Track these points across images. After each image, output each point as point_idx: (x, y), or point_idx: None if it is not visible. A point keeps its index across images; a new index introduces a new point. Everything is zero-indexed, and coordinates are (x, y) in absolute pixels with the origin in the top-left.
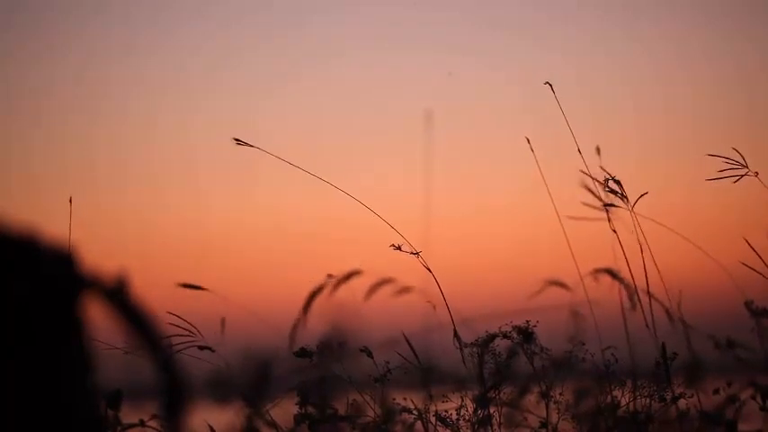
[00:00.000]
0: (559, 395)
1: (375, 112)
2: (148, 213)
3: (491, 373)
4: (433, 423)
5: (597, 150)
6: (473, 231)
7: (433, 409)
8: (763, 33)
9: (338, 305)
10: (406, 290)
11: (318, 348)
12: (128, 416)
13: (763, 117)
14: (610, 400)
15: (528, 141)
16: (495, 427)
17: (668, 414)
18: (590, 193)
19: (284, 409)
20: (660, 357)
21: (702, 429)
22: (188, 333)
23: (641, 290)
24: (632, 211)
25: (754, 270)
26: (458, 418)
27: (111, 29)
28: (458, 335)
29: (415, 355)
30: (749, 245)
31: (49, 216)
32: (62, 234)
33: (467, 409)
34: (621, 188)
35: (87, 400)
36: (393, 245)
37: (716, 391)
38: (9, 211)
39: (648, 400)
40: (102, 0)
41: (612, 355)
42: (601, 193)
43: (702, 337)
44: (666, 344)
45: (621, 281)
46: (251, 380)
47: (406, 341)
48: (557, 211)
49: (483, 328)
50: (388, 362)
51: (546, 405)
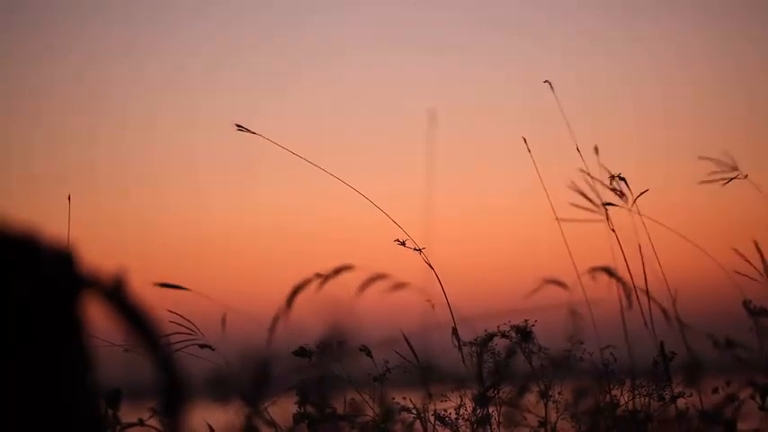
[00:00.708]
0: (558, 394)
1: (376, 112)
2: (147, 212)
3: (490, 372)
4: (432, 422)
5: (596, 150)
6: (472, 230)
7: (432, 408)
8: (763, 34)
9: (334, 302)
10: (400, 286)
11: (317, 347)
12: (127, 415)
13: (761, 117)
14: (609, 399)
15: (525, 141)
16: (495, 426)
17: (667, 413)
18: (587, 192)
19: (283, 409)
20: (658, 356)
21: (701, 428)
22: (187, 331)
23: (639, 289)
24: (632, 210)
25: (746, 276)
26: (457, 418)
27: (111, 29)
28: (457, 334)
29: (414, 354)
30: (739, 253)
31: (47, 215)
32: (61, 233)
33: (466, 409)
34: (627, 185)
35: (87, 400)
36: (397, 240)
37: (715, 390)
38: (9, 209)
39: (647, 400)
40: (102, 0)
41: (611, 354)
42: (600, 191)
43: (701, 337)
44: (664, 343)
45: (619, 279)
46: (250, 379)
47: (405, 340)
48: (554, 210)
49: (482, 327)
50: (387, 361)
51: (545, 404)
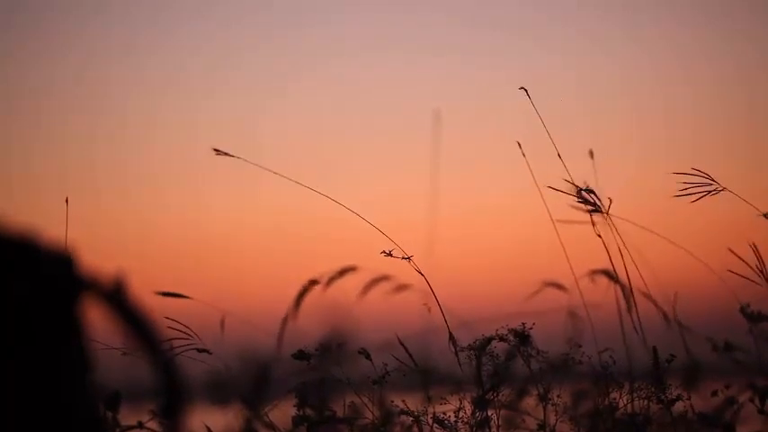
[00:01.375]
0: (557, 397)
1: (376, 113)
2: (147, 214)
3: (489, 375)
4: (431, 425)
5: (590, 154)
6: (471, 233)
7: (431, 411)
8: (763, 34)
9: (334, 305)
10: (402, 287)
11: (317, 350)
12: (126, 417)
13: (761, 118)
14: (607, 402)
15: (519, 146)
16: (494, 429)
17: (666, 416)
18: (574, 198)
19: (282, 411)
20: (662, 358)
21: (700, 431)
22: (185, 336)
23: (637, 291)
24: (608, 217)
25: (742, 276)
26: (456, 421)
27: (111, 29)
28: (453, 338)
29: (411, 357)
30: (734, 253)
31: (46, 216)
32: (59, 235)
33: (465, 412)
34: (596, 196)
35: (86, 402)
36: (384, 251)
37: (714, 393)
38: (8, 211)
39: (646, 402)
40: (103, 0)
41: (610, 356)
42: (583, 198)
43: (699, 340)
44: (663, 346)
45: (618, 282)
46: (249, 382)
47: (401, 344)
48: (549, 214)
49: (482, 330)
50: (386, 364)
51: (543, 407)
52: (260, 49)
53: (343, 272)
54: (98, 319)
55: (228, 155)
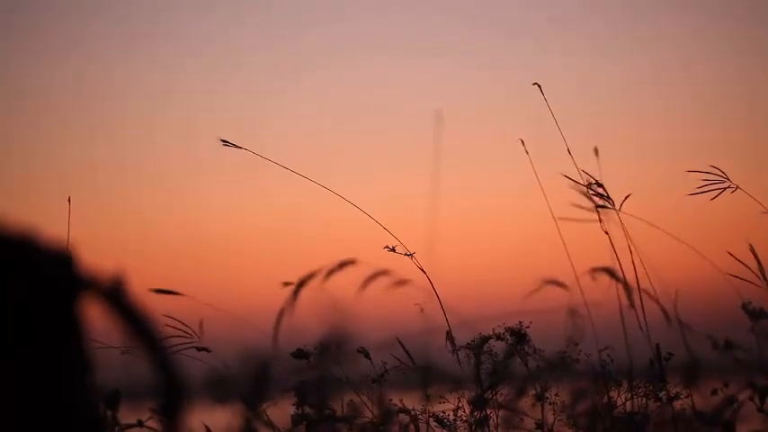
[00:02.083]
0: (555, 396)
1: (377, 113)
2: (148, 213)
3: (487, 374)
4: (428, 423)
5: (595, 152)
6: (473, 232)
7: (429, 410)
8: (763, 34)
9: (333, 303)
10: (402, 282)
11: (316, 349)
12: (126, 416)
13: (761, 119)
14: (606, 400)
15: (522, 143)
16: (492, 428)
17: (665, 415)
18: (581, 195)
19: (282, 410)
20: (655, 357)
21: (700, 430)
22: (184, 335)
23: (639, 289)
24: (619, 213)
25: (742, 279)
26: (455, 419)
27: (112, 29)
28: (451, 337)
29: (409, 357)
30: (733, 256)
31: (48, 216)
32: (61, 234)
33: (464, 410)
34: (605, 191)
35: (86, 401)
36: (387, 246)
37: (714, 391)
38: (9, 211)
39: (645, 401)
40: (103, 0)
41: (608, 355)
42: (589, 196)
43: (699, 338)
44: (664, 344)
45: (619, 280)
46: (249, 380)
47: (400, 344)
48: (551, 212)
49: (481, 328)
50: (385, 363)
51: (541, 406)
52: (262, 51)
53: (342, 265)
54: (97, 318)
55: (235, 146)
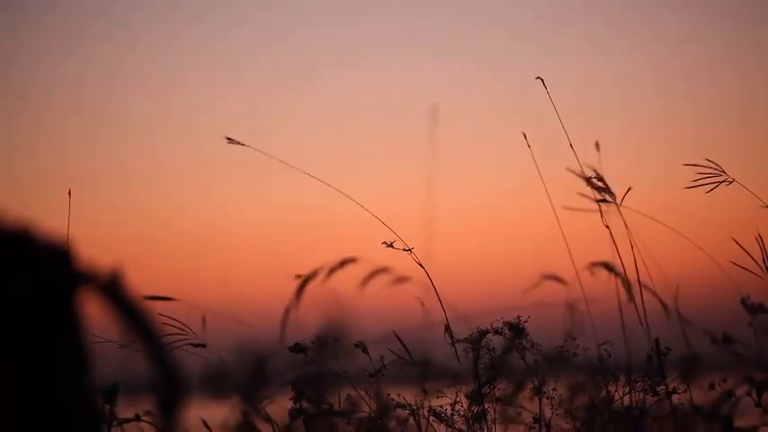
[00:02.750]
0: (553, 390)
1: (378, 112)
2: (148, 207)
3: (485, 368)
4: (427, 418)
5: (596, 146)
6: (472, 226)
7: (427, 404)
8: (763, 34)
9: (331, 298)
10: (401, 279)
11: (313, 343)
12: (123, 411)
13: (754, 118)
14: (604, 395)
15: (525, 137)
16: (490, 422)
17: (663, 409)
18: (586, 186)
19: (279, 405)
20: (653, 352)
21: (698, 425)
22: (181, 331)
23: (638, 283)
24: (620, 207)
25: (745, 269)
26: (452, 414)
27: (116, 25)
28: (449, 331)
29: (407, 351)
30: (738, 244)
31: (48, 209)
32: (61, 227)
33: (461, 405)
34: (606, 185)
35: (84, 395)
36: (385, 242)
37: (711, 386)
38: (8, 204)
39: (642, 395)
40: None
41: (606, 350)
42: (592, 188)
43: (698, 332)
44: (662, 338)
45: (618, 274)
46: (246, 375)
47: (397, 338)
48: (552, 206)
49: (480, 323)
50: (383, 357)
51: (539, 401)
52: (262, 50)
53: (343, 263)
54: (95, 313)
55: (240, 143)
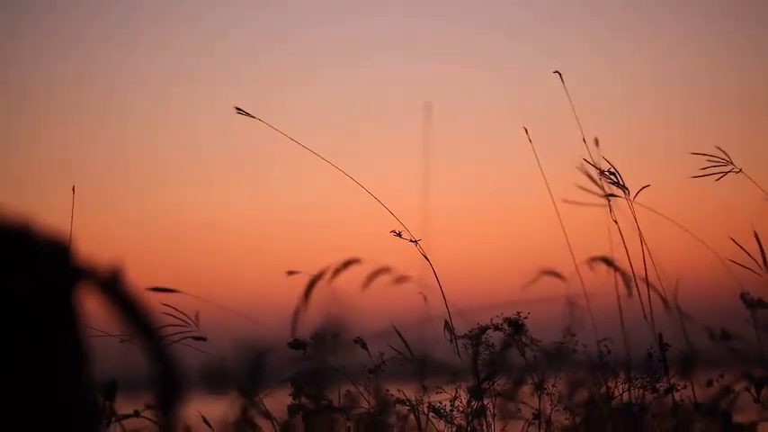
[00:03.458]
0: (552, 386)
1: (378, 107)
2: (152, 203)
3: (485, 364)
4: (426, 414)
5: (596, 142)
6: (470, 221)
7: (427, 400)
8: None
9: (332, 295)
10: (403, 279)
11: (313, 339)
12: (122, 406)
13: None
14: (603, 390)
15: (526, 132)
16: (489, 418)
17: (663, 405)
18: (591, 181)
19: (278, 400)
20: (656, 348)
21: (697, 420)
22: (182, 324)
23: (639, 279)
24: (632, 203)
25: (743, 266)
26: (452, 410)
27: (121, 19)
28: (449, 326)
29: (407, 347)
30: (737, 243)
31: (51, 205)
32: (64, 223)
33: (461, 401)
34: (621, 179)
35: (83, 391)
36: (393, 231)
37: (710, 382)
38: (12, 200)
39: (642, 391)
40: None
41: (606, 346)
42: (602, 183)
43: (698, 328)
44: (664, 335)
45: (618, 269)
46: (245, 371)
47: (397, 333)
48: (553, 201)
49: (479, 319)
50: (382, 353)
51: (539, 396)
52: (262, 49)
53: (347, 264)
54: (95, 309)
55: (249, 115)
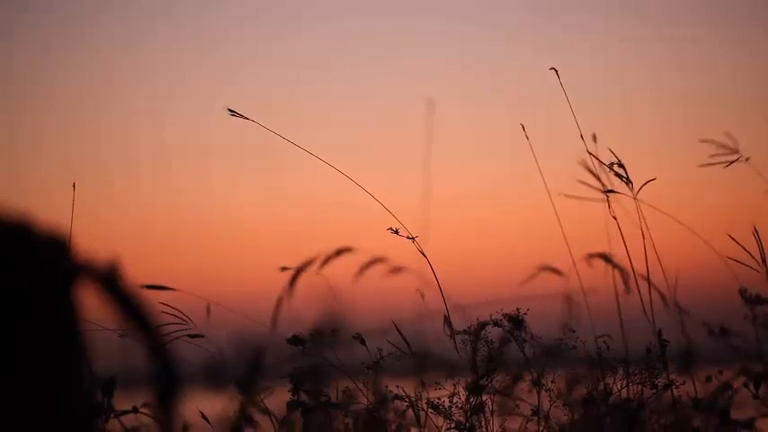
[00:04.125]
0: (551, 383)
1: (377, 104)
2: (153, 200)
3: (483, 360)
4: (425, 410)
5: (593, 138)
6: (469, 217)
7: (425, 396)
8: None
9: (328, 289)
10: (398, 269)
11: (311, 335)
12: (121, 403)
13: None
14: (602, 387)
15: (523, 128)
16: (488, 414)
17: (661, 401)
18: (592, 175)
19: (277, 397)
20: (655, 343)
21: (695, 417)
22: (179, 321)
23: (637, 275)
24: (636, 198)
25: (741, 263)
26: (450, 406)
27: (124, 16)
28: (448, 322)
29: (406, 342)
30: (734, 240)
31: (52, 201)
32: (64, 220)
33: (459, 397)
34: (626, 172)
35: (81, 387)
36: (390, 228)
37: (708, 378)
38: (12, 195)
39: (640, 387)
40: None
41: (604, 342)
42: (603, 177)
43: (697, 324)
44: (664, 331)
45: (616, 265)
46: (244, 367)
47: (396, 329)
48: (551, 197)
49: (478, 314)
50: (380, 349)
51: (537, 393)
52: (262, 48)
53: (338, 252)
54: (93, 305)
55: (242, 116)
